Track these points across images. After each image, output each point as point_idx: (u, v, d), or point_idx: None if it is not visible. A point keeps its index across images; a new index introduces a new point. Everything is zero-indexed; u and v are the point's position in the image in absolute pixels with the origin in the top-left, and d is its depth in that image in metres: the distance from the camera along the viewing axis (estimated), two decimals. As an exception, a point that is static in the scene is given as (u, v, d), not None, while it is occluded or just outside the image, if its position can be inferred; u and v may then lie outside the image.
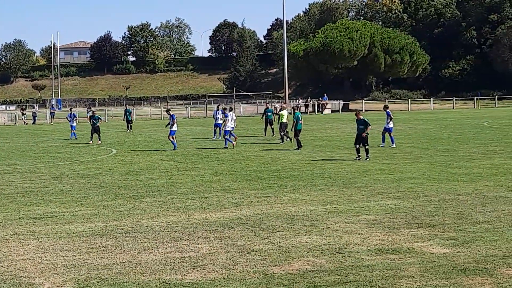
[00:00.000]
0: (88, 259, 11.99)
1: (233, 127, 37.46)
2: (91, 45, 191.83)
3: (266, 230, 14.06)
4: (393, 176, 22.07)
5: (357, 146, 27.13)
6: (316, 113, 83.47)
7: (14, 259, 12.16)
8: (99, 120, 40.97)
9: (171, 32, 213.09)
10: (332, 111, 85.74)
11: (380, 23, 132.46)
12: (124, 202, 18.12)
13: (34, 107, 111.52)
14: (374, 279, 10.43)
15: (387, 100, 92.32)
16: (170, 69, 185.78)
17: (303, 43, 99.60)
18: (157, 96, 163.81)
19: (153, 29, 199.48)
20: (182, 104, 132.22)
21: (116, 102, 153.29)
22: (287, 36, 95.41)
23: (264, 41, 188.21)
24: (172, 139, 33.89)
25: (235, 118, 38.79)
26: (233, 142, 34.51)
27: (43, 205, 17.91)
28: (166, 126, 33.99)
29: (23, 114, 78.53)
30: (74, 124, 45.70)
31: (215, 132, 41.74)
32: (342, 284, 10.25)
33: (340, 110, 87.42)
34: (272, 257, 11.83)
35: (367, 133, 27.02)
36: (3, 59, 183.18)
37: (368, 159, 26.67)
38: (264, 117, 44.19)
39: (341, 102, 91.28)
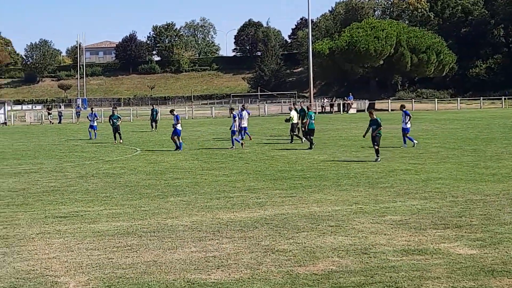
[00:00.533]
0: (113, 258, 12.00)
1: (245, 127, 37.92)
2: (116, 45, 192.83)
3: (291, 230, 14.00)
4: (419, 176, 21.89)
5: (376, 147, 26.88)
6: (342, 113, 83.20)
7: (40, 257, 12.20)
8: (119, 119, 41.02)
9: (196, 31, 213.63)
10: (357, 111, 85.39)
11: (407, 22, 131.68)
12: (148, 201, 18.14)
13: (60, 107, 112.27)
14: (400, 280, 10.33)
15: (413, 100, 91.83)
16: (195, 68, 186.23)
17: (329, 42, 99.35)
18: (181, 95, 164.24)
19: (178, 28, 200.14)
20: (207, 104, 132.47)
21: (141, 102, 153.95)
22: (312, 35, 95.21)
23: (289, 41, 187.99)
24: (176, 140, 33.65)
25: (247, 117, 39.12)
26: (241, 142, 34.35)
27: (68, 204, 17.99)
28: (173, 126, 33.91)
29: (49, 113, 79.15)
30: (95, 124, 45.76)
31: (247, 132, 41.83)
32: (368, 285, 10.16)
33: (366, 110, 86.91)
34: (296, 257, 11.76)
35: (379, 134, 26.65)
36: (30, 59, 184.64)
37: (377, 160, 26.31)
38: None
39: (367, 102, 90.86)
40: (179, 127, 33.61)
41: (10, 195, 19.87)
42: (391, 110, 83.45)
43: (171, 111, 36.98)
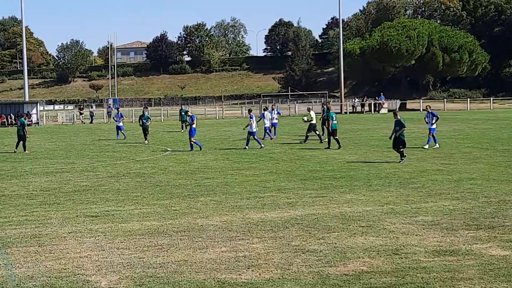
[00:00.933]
0: (143, 258, 12.05)
1: (268, 127, 38.86)
2: (147, 45, 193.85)
3: (321, 230, 13.95)
4: (451, 176, 21.71)
5: (397, 149, 26.44)
6: (373, 113, 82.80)
7: (72, 256, 12.29)
8: (149, 119, 41.14)
9: (227, 31, 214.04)
10: (389, 111, 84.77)
11: (438, 21, 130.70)
12: (179, 201, 18.19)
13: (91, 107, 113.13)
14: (432, 281, 10.25)
15: (445, 100, 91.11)
16: (225, 68, 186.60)
17: (360, 41, 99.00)
18: (212, 95, 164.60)
19: (209, 28, 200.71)
20: (237, 104, 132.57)
21: (171, 102, 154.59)
22: (343, 35, 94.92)
23: (320, 40, 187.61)
24: (193, 141, 33.58)
25: (270, 117, 39.29)
26: (262, 145, 34.24)
27: (100, 203, 18.10)
28: (186, 127, 33.91)
29: (81, 113, 79.80)
30: (121, 124, 45.94)
31: (270, 132, 41.78)
32: (399, 286, 10.10)
33: (397, 110, 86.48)
34: (327, 258, 11.72)
35: (402, 135, 26.24)
36: (61, 59, 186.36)
37: (401, 162, 25.83)
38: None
39: (398, 102, 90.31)
40: (194, 126, 33.66)
41: (42, 194, 20.05)
42: (423, 110, 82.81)
43: (186, 112, 36.93)
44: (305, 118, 38.58)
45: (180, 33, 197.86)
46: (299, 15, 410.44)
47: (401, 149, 26.28)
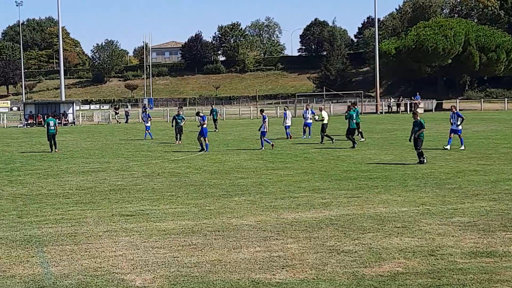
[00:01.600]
0: (178, 257, 12.07)
1: (289, 125, 40.30)
2: (182, 45, 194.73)
3: (356, 231, 13.87)
4: (488, 177, 21.45)
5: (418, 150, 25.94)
6: (409, 113, 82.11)
7: (107, 255, 12.35)
8: (183, 120, 41.21)
9: (261, 31, 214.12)
10: (425, 111, 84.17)
11: (476, 20, 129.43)
12: (213, 200, 18.22)
13: (126, 107, 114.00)
14: (468, 282, 10.12)
15: (482, 100, 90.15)
16: (260, 68, 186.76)
17: (395, 41, 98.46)
18: (246, 95, 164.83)
19: (243, 28, 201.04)
20: (272, 104, 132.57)
21: (206, 102, 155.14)
22: (379, 35, 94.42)
23: (355, 40, 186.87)
24: (203, 140, 33.46)
25: (291, 117, 40.28)
26: (271, 143, 34.18)
27: (135, 202, 18.20)
28: (198, 126, 33.86)
29: (116, 113, 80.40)
30: (149, 124, 46.12)
31: (304, 132, 41.88)
32: (435, 287, 9.99)
33: (433, 110, 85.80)
34: (362, 258, 11.64)
35: (421, 136, 25.68)
36: (97, 59, 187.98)
37: (423, 162, 25.41)
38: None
39: (434, 101, 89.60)
40: (205, 126, 33.59)
41: (78, 193, 20.22)
42: (459, 110, 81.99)
43: (197, 113, 36.87)
44: (316, 117, 38.67)
45: (215, 33, 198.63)
46: (334, 15, 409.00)
47: (419, 150, 25.72)
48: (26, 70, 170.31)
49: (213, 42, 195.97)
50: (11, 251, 12.79)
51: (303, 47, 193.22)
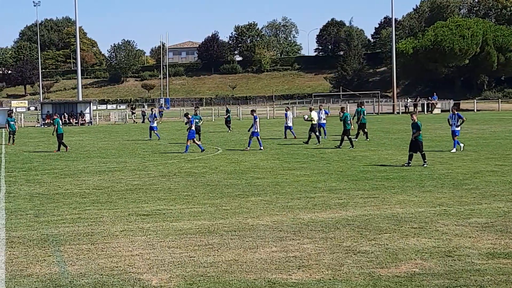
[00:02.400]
0: (194, 257, 12.08)
1: (291, 126, 41.45)
2: (199, 45, 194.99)
3: (373, 231, 13.82)
4: (506, 178, 21.33)
5: (410, 152, 25.43)
6: (426, 113, 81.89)
7: (123, 254, 12.38)
8: (200, 120, 41.22)
9: (278, 31, 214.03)
10: (442, 111, 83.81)
11: (493, 20, 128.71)
12: (229, 200, 18.22)
13: (143, 107, 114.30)
14: (485, 284, 10.07)
15: (500, 100, 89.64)
16: (276, 68, 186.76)
17: (412, 41, 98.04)
18: (262, 95, 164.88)
19: (260, 28, 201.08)
20: (288, 104, 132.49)
21: (222, 102, 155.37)
22: (395, 35, 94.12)
23: (372, 40, 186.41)
24: (191, 142, 33.36)
25: (291, 117, 41.28)
26: (262, 147, 34.15)
27: (151, 202, 18.23)
28: (188, 130, 33.81)
29: (133, 113, 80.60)
30: (155, 124, 46.00)
31: (319, 132, 41.79)
32: (452, 288, 9.95)
33: (451, 110, 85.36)
34: (379, 259, 11.60)
35: (419, 139, 25.24)
36: (114, 59, 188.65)
37: (425, 165, 24.95)
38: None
39: (451, 102, 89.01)
40: (193, 128, 33.59)
41: (94, 192, 20.28)
42: (477, 110, 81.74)
43: (186, 115, 36.89)
44: (306, 117, 38.75)
45: (232, 33, 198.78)
46: (351, 15, 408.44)
47: (422, 152, 25.32)
48: (43, 70, 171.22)
49: (230, 42, 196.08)
50: (28, 250, 12.85)
51: (320, 47, 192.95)
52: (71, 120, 74.34)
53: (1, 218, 16.29)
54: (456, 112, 31.60)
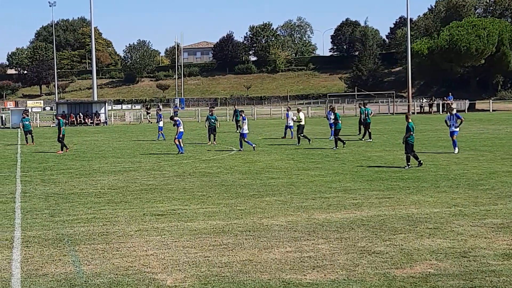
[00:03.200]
0: (209, 256, 12.10)
1: (292, 126, 41.41)
2: (214, 45, 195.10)
3: (388, 232, 13.79)
4: (521, 178, 21.22)
5: (410, 154, 25.25)
6: (441, 113, 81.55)
7: (138, 254, 12.42)
8: (216, 120, 41.17)
9: (293, 31, 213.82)
10: (457, 111, 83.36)
11: (509, 20, 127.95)
12: (244, 200, 18.23)
13: (158, 107, 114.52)
14: (501, 285, 10.03)
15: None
16: (291, 68, 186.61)
17: (428, 41, 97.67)
18: (277, 95, 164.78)
19: (275, 28, 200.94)
20: (303, 104, 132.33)
21: (237, 102, 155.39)
22: (411, 35, 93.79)
23: (387, 40, 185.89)
24: (178, 142, 33.47)
25: (292, 117, 40.88)
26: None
27: (166, 202, 18.27)
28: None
29: (148, 113, 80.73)
30: (161, 124, 46.12)
31: (287, 131, 42.89)
32: (467, 289, 9.91)
33: (466, 110, 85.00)
34: (393, 260, 11.57)
35: (410, 140, 24.95)
36: (129, 59, 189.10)
37: (406, 168, 24.74)
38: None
39: (467, 102, 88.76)
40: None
41: (110, 192, 20.35)
42: (493, 110, 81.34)
43: (171, 118, 37.05)
44: (294, 118, 38.82)
45: (247, 33, 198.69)
46: (366, 15, 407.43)
47: (409, 154, 25.11)
48: (59, 70, 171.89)
49: (245, 42, 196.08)
50: (44, 250, 12.91)
51: (335, 47, 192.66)
52: (86, 120, 74.63)
53: (16, 217, 16.38)
54: (454, 113, 31.28)
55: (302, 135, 36.89)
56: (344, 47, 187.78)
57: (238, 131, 51.24)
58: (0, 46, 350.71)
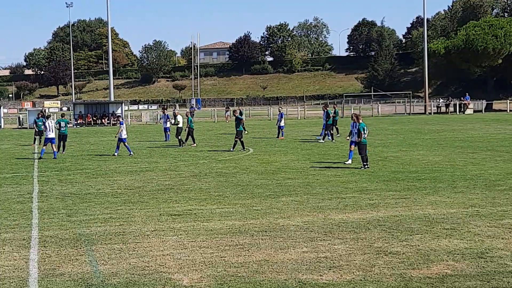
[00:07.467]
0: (225, 257, 12.11)
1: (283, 125, 43.38)
2: (230, 45, 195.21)
3: (404, 232, 13.74)
4: (539, 179, 21.09)
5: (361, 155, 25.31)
6: (458, 113, 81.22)
7: (155, 254, 12.45)
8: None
9: (309, 31, 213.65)
10: (474, 111, 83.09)
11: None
12: (260, 200, 18.23)
13: (174, 107, 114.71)
14: (519, 286, 9.96)
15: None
16: (307, 68, 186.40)
17: (444, 41, 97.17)
18: (293, 96, 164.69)
19: (291, 29, 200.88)
20: (319, 104, 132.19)
21: (253, 102, 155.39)
22: (427, 35, 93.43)
23: (404, 40, 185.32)
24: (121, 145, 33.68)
25: (284, 117, 42.82)
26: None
27: (182, 202, 18.30)
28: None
29: (164, 113, 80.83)
30: (168, 125, 46.03)
31: (338, 131, 43.01)
32: (485, 290, 9.86)
33: (483, 110, 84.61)
34: (410, 260, 11.54)
35: (363, 141, 25.08)
36: (145, 60, 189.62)
37: (363, 168, 24.88)
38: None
39: (484, 102, 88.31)
40: (123, 135, 33.59)
41: (126, 192, 20.41)
42: (510, 110, 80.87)
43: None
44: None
45: (263, 33, 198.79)
46: (383, 15, 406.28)
47: (362, 155, 25.16)
48: (76, 71, 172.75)
49: (261, 42, 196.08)
50: (61, 250, 12.97)
51: (351, 47, 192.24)
52: (103, 120, 74.91)
53: (34, 217, 16.47)
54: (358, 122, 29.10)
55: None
56: (361, 47, 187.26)
57: (246, 132, 51.21)
58: (18, 46, 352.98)
